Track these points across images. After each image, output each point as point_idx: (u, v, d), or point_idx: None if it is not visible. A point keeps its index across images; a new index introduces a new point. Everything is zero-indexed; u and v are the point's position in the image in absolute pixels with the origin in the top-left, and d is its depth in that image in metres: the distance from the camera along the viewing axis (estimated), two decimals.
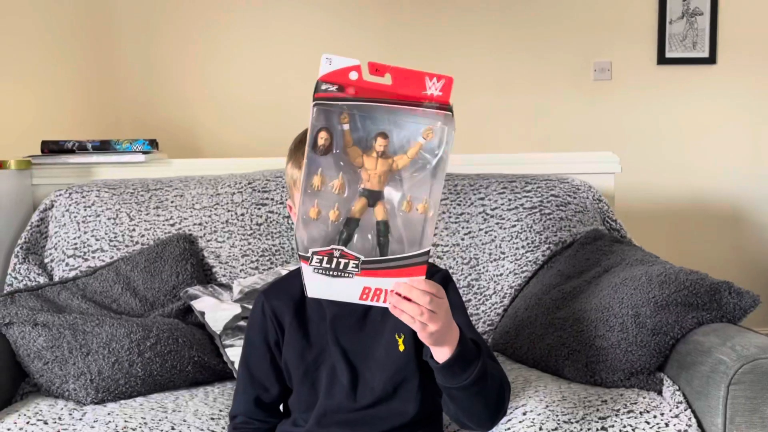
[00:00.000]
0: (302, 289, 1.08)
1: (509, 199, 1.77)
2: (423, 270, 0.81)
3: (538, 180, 1.82)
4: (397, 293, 0.83)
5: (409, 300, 0.83)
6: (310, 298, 1.07)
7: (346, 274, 0.81)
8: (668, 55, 2.89)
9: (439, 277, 1.08)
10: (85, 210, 1.74)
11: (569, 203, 1.78)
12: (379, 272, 0.81)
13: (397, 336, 1.05)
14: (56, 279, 1.67)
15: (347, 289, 0.82)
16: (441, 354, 0.89)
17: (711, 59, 2.89)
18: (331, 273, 0.81)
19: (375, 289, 0.82)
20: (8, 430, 1.16)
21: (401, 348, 1.05)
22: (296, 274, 1.12)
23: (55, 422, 1.19)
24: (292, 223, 1.76)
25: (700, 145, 2.92)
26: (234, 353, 1.45)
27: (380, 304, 0.83)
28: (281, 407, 1.14)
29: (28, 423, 1.18)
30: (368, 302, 0.82)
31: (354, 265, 0.80)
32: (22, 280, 1.66)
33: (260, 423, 1.10)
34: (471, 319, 1.22)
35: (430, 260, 1.72)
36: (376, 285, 0.82)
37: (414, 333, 1.03)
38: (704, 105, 2.91)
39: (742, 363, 1.11)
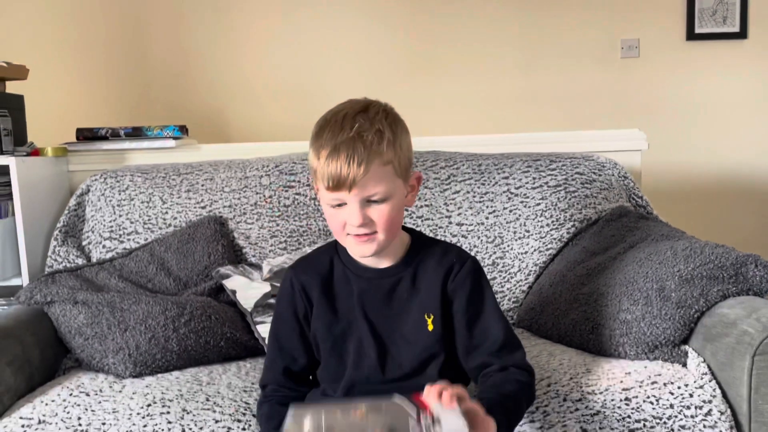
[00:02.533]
0: (329, 265, 1.12)
1: (534, 178, 1.78)
2: None
3: (562, 158, 1.83)
4: None
5: None
6: (337, 274, 1.11)
7: None
8: (698, 30, 2.84)
9: (470, 265, 1.09)
10: (120, 194, 1.80)
11: (594, 180, 1.78)
12: None
13: (426, 316, 1.08)
14: (94, 260, 1.73)
15: None
16: None
17: (742, 34, 2.83)
18: None
19: None
20: (52, 401, 1.22)
21: (430, 328, 1.08)
22: (323, 251, 1.15)
23: (96, 394, 1.25)
24: (319, 205, 1.80)
25: (730, 122, 2.87)
26: (264, 330, 1.49)
27: None
28: (310, 379, 1.17)
29: (71, 395, 1.24)
30: None
31: None
32: (61, 262, 1.73)
33: (289, 391, 1.12)
34: (496, 296, 1.23)
35: (454, 240, 1.74)
36: None
37: (443, 313, 1.08)
38: (735, 81, 2.85)
39: None
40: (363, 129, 0.99)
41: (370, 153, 0.98)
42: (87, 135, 2.02)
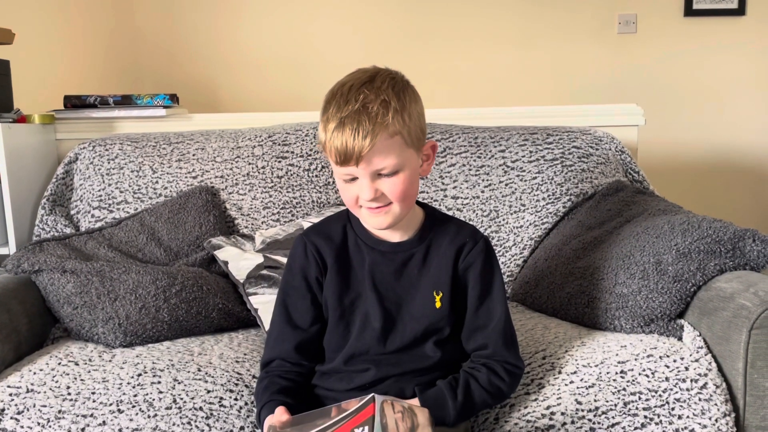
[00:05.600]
0: (343, 234, 1.10)
1: (530, 151, 1.76)
2: None
3: (559, 132, 1.81)
4: None
5: None
6: (351, 244, 1.10)
7: None
8: (695, 6, 2.81)
9: (482, 245, 1.08)
10: (109, 163, 1.76)
11: (591, 155, 1.76)
12: None
13: (435, 293, 1.07)
14: (82, 230, 1.70)
15: None
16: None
17: (740, 10, 2.80)
18: None
19: None
20: (41, 370, 1.20)
21: (438, 305, 1.07)
22: (335, 219, 1.13)
23: (86, 363, 1.23)
24: (312, 176, 1.77)
25: (727, 99, 2.85)
26: (257, 301, 1.47)
27: None
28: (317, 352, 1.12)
29: (59, 364, 1.22)
30: None
31: None
32: (49, 231, 1.69)
33: (294, 366, 1.08)
34: None
35: (449, 214, 1.72)
36: None
37: (451, 291, 1.07)
38: (733, 58, 2.83)
39: (765, 307, 1.10)
40: (368, 101, 0.96)
41: (375, 125, 0.95)
42: (75, 102, 1.98)
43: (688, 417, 1.08)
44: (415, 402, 1.01)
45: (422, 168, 1.05)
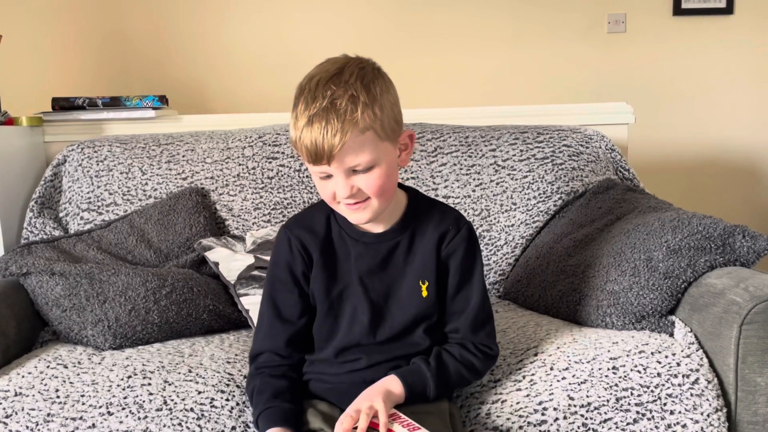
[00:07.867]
0: (326, 225, 1.09)
1: (521, 150, 1.76)
2: None
3: (550, 130, 1.81)
4: None
5: None
6: (335, 235, 1.09)
7: None
8: (684, 5, 2.82)
9: (465, 232, 1.08)
10: (98, 165, 1.75)
11: (581, 153, 1.77)
12: None
13: (421, 282, 1.07)
14: (71, 232, 1.68)
15: None
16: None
17: (728, 9, 2.82)
18: None
19: None
20: (29, 373, 1.19)
21: (425, 294, 1.07)
22: (317, 209, 1.12)
23: (75, 366, 1.22)
24: (303, 177, 1.76)
25: (716, 97, 2.87)
26: (248, 302, 1.46)
27: None
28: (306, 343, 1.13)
29: (48, 367, 1.21)
30: None
31: None
32: (38, 234, 1.68)
33: (285, 359, 1.08)
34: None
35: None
36: None
37: (437, 280, 1.08)
38: (721, 57, 2.85)
39: (756, 303, 1.10)
40: (336, 96, 0.93)
41: (344, 123, 0.92)
42: (63, 105, 1.96)
43: (679, 412, 1.08)
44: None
45: (400, 159, 1.03)
